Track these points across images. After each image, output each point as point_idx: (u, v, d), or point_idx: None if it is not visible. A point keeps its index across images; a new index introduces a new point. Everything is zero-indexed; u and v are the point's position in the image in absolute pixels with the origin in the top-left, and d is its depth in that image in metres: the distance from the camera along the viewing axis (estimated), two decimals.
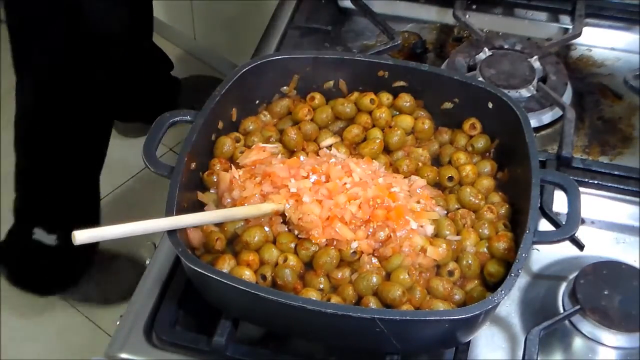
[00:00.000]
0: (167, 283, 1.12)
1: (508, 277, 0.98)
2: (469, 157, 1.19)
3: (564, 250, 1.16)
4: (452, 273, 1.06)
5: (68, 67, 1.85)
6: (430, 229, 1.09)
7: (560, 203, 1.13)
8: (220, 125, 1.18)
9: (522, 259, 0.99)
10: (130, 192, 2.60)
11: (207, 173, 1.14)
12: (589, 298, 1.08)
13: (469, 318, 0.96)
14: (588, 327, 1.08)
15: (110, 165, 2.68)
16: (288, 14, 1.53)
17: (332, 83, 1.25)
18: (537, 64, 1.41)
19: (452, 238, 1.09)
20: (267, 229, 1.08)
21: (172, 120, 1.14)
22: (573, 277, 1.12)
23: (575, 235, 1.08)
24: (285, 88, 1.24)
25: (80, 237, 0.93)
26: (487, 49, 1.43)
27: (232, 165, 1.15)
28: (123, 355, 1.06)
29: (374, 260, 1.05)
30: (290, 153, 1.19)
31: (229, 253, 1.06)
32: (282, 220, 1.08)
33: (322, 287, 1.03)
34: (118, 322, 1.10)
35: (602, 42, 1.51)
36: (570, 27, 1.51)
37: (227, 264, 1.04)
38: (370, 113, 1.22)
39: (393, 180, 1.13)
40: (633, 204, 1.25)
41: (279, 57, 1.23)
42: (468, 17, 1.50)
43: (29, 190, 2.07)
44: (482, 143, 1.20)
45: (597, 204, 1.24)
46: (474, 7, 1.55)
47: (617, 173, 1.27)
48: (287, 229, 1.08)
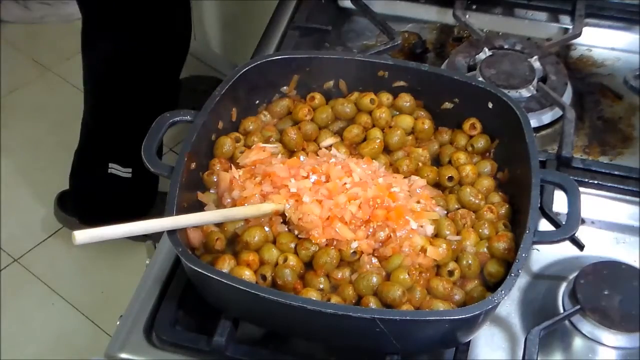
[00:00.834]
0: (167, 283, 1.12)
1: (508, 277, 0.98)
2: (469, 157, 1.19)
3: (564, 250, 1.16)
4: (452, 273, 1.06)
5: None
6: (430, 229, 1.09)
7: (560, 203, 1.13)
8: (220, 125, 1.17)
9: (522, 259, 0.99)
10: None
11: (207, 173, 1.14)
12: (589, 298, 1.08)
13: (469, 318, 0.96)
14: (588, 327, 1.08)
15: None
16: (288, 14, 1.53)
17: (332, 83, 1.25)
18: (537, 64, 1.41)
19: (452, 238, 1.09)
20: (267, 229, 1.08)
21: (172, 120, 1.14)
22: (573, 277, 1.12)
23: (575, 235, 1.08)
24: (285, 88, 1.24)
25: (80, 237, 0.93)
26: (487, 49, 1.43)
27: (232, 165, 1.15)
28: (123, 355, 1.06)
29: (374, 260, 1.05)
30: (290, 153, 1.19)
31: (229, 253, 1.06)
32: (282, 220, 1.08)
33: (322, 287, 1.03)
34: (118, 322, 1.10)
35: (602, 42, 1.51)
36: (570, 27, 1.51)
37: (227, 264, 1.04)
38: (370, 113, 1.22)
39: (393, 180, 1.13)
40: (633, 204, 1.25)
41: (279, 57, 1.23)
42: (468, 17, 1.50)
43: (105, 131, 2.25)
44: (482, 143, 1.20)
45: (597, 204, 1.24)
46: (474, 7, 1.55)
47: (617, 173, 1.27)
48: (287, 229, 1.08)
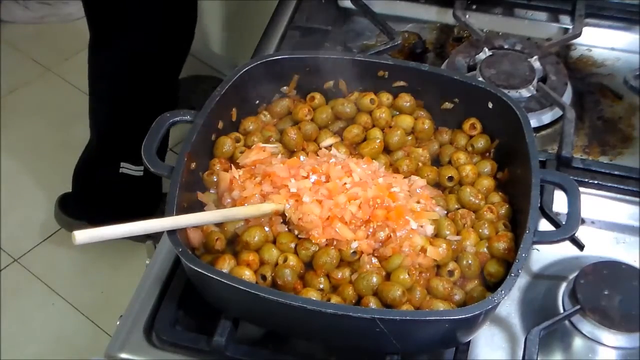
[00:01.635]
0: (167, 283, 1.12)
1: (508, 277, 0.98)
2: (469, 157, 1.19)
3: (564, 250, 1.16)
4: (452, 273, 1.06)
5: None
6: (430, 229, 1.09)
7: (560, 203, 1.13)
8: (220, 125, 1.17)
9: (522, 259, 0.99)
10: None
11: (207, 173, 1.14)
12: (589, 298, 1.08)
13: (469, 318, 0.96)
14: (588, 327, 1.08)
15: None
16: (288, 14, 1.53)
17: (332, 83, 1.25)
18: (537, 64, 1.41)
19: (452, 238, 1.09)
20: (267, 229, 1.08)
21: (172, 120, 1.14)
22: (573, 277, 1.12)
23: (575, 235, 1.08)
24: (285, 88, 1.24)
25: (80, 237, 0.93)
26: (487, 49, 1.43)
27: (232, 165, 1.15)
28: (123, 355, 1.06)
29: (374, 260, 1.05)
30: (290, 153, 1.19)
31: (229, 253, 1.06)
32: (282, 220, 1.08)
33: (322, 287, 1.03)
34: (118, 322, 1.10)
35: (602, 42, 1.51)
36: (570, 27, 1.51)
37: (227, 264, 1.04)
38: (370, 113, 1.22)
39: (393, 180, 1.13)
40: (633, 204, 1.25)
41: (279, 57, 1.23)
42: (468, 17, 1.50)
43: (117, 130, 2.29)
44: (482, 143, 1.20)
45: (597, 204, 1.24)
46: (474, 7, 1.55)
47: (617, 173, 1.27)
48: (287, 229, 1.08)
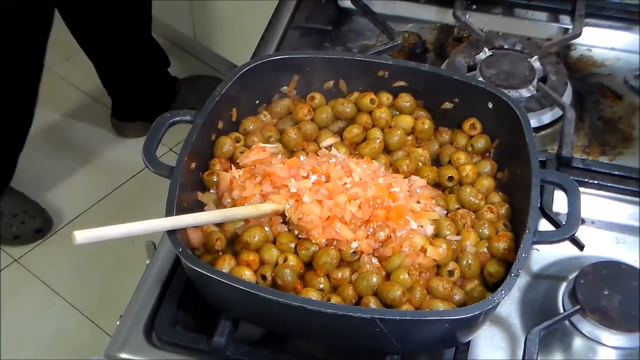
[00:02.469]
0: (167, 283, 1.12)
1: (508, 277, 0.98)
2: (469, 157, 1.19)
3: (564, 250, 1.16)
4: (452, 273, 1.06)
5: None
6: (430, 229, 1.09)
7: (560, 203, 1.13)
8: (220, 125, 1.17)
9: (522, 259, 0.99)
10: (130, 192, 2.60)
11: (207, 173, 1.14)
12: (589, 298, 1.08)
13: (469, 318, 0.96)
14: (588, 327, 1.08)
15: (110, 165, 2.69)
16: (288, 14, 1.53)
17: (332, 83, 1.25)
18: (537, 64, 1.41)
19: (452, 238, 1.09)
20: (267, 229, 1.08)
21: (172, 120, 1.14)
22: (573, 277, 1.12)
23: (575, 235, 1.08)
24: (285, 88, 1.24)
25: (80, 237, 0.93)
26: (487, 49, 1.43)
27: (232, 165, 1.15)
28: (123, 355, 1.06)
29: (374, 260, 1.05)
30: (290, 153, 1.19)
31: (229, 253, 1.06)
32: (282, 220, 1.08)
33: (322, 287, 1.03)
34: (118, 322, 1.10)
35: (602, 42, 1.51)
36: (570, 27, 1.50)
37: (227, 264, 1.04)
38: (370, 113, 1.22)
39: (393, 180, 1.13)
40: (633, 204, 1.25)
41: (279, 57, 1.23)
42: (468, 17, 1.50)
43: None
44: (482, 143, 1.20)
45: (597, 204, 1.24)
46: (474, 7, 1.55)
47: (617, 173, 1.27)
48: (287, 229, 1.08)
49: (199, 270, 0.98)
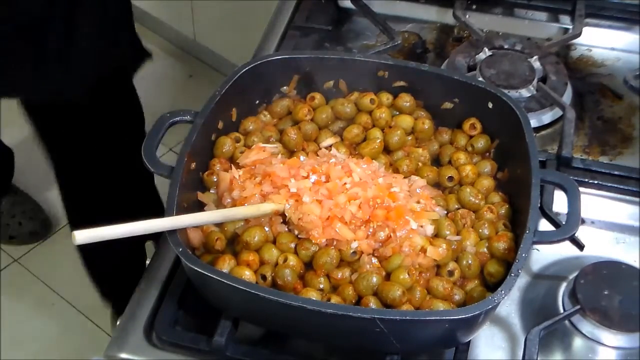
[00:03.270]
0: (167, 283, 1.12)
1: (508, 277, 0.98)
2: (469, 157, 1.19)
3: (564, 250, 1.16)
4: (452, 273, 1.06)
5: None
6: (430, 229, 1.09)
7: (560, 203, 1.13)
8: (220, 125, 1.17)
9: (522, 259, 0.99)
10: None
11: (207, 173, 1.14)
12: (589, 298, 1.08)
13: (469, 318, 0.96)
14: (588, 327, 1.08)
15: None
16: (288, 14, 1.53)
17: (332, 83, 1.25)
18: (537, 64, 1.41)
19: (452, 238, 1.09)
20: (267, 229, 1.08)
21: (172, 120, 1.14)
22: (573, 277, 1.12)
23: (575, 235, 1.08)
24: (285, 88, 1.24)
25: (80, 236, 0.93)
26: (487, 49, 1.43)
27: (232, 165, 1.15)
28: (123, 355, 1.06)
29: (374, 260, 1.05)
30: (290, 153, 1.19)
31: (229, 253, 1.06)
32: (282, 220, 1.08)
33: (322, 287, 1.03)
34: (118, 322, 1.10)
35: (602, 42, 1.51)
36: (570, 27, 1.50)
37: (227, 264, 1.04)
38: (370, 113, 1.22)
39: (393, 180, 1.13)
40: (633, 204, 1.25)
41: (279, 57, 1.23)
42: (468, 17, 1.50)
43: None
44: (482, 143, 1.20)
45: (597, 204, 1.24)
46: (474, 7, 1.55)
47: (617, 173, 1.27)
48: (287, 229, 1.08)
49: (199, 270, 0.98)
